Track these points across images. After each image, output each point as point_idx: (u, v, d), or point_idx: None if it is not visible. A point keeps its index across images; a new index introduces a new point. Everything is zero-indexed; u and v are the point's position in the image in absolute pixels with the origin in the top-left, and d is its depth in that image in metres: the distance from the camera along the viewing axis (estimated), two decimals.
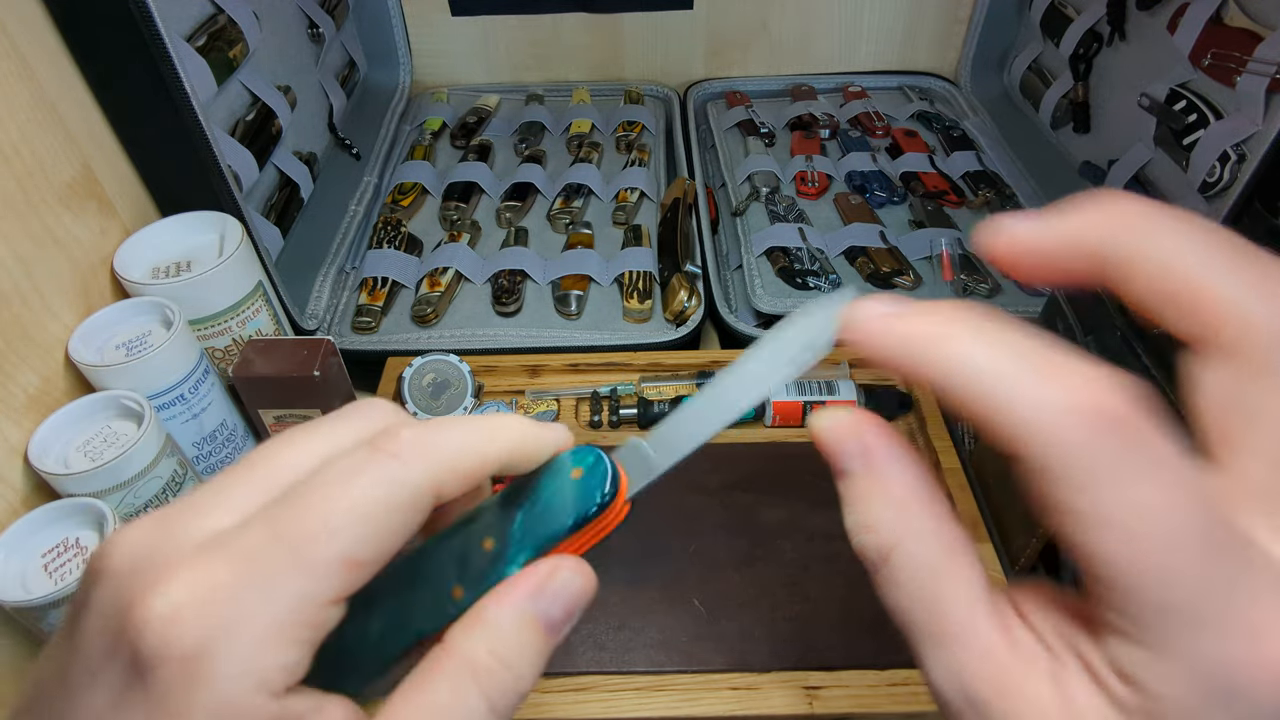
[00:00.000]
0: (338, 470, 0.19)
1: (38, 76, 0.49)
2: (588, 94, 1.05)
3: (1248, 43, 0.65)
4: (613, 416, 0.64)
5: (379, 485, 0.18)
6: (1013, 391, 0.16)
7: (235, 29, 0.69)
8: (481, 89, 1.07)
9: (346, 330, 0.73)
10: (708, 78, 1.08)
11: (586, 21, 1.02)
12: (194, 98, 0.53)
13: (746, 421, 0.64)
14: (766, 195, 0.86)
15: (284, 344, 0.58)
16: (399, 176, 0.90)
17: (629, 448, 0.22)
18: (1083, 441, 0.15)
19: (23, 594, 0.41)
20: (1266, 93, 0.63)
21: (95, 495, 0.45)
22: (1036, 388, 0.15)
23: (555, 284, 0.76)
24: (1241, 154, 0.65)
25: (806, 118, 0.98)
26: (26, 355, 0.47)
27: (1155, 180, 0.77)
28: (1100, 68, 0.86)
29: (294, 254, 0.76)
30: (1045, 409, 0.15)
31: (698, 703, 0.48)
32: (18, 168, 0.47)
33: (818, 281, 0.74)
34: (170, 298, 0.52)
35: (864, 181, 0.87)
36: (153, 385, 0.50)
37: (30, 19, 0.50)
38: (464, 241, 0.79)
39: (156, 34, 0.50)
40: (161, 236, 0.57)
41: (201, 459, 0.55)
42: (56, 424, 0.47)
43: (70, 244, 0.51)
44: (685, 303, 0.72)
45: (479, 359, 0.68)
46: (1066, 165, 0.89)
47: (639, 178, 0.88)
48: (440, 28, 1.03)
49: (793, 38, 1.05)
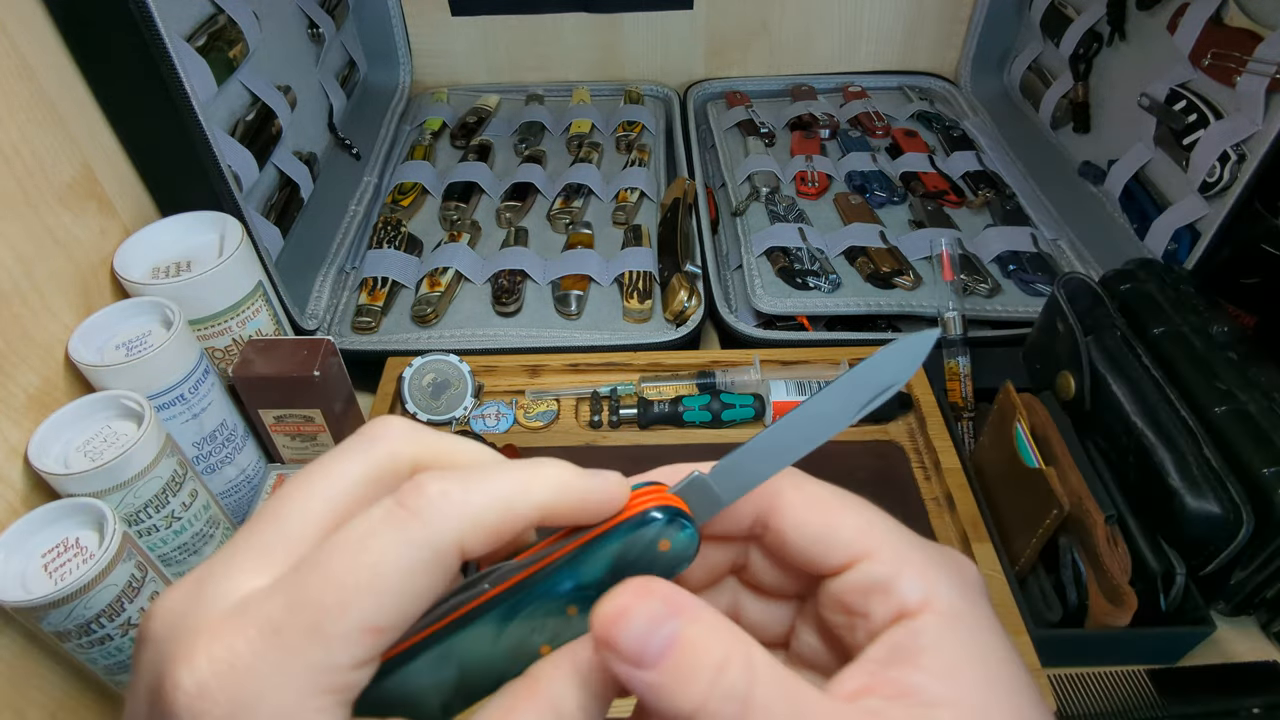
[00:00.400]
0: (357, 534, 0.18)
1: (38, 76, 0.49)
2: (588, 94, 1.05)
3: (1248, 43, 0.65)
4: (613, 416, 0.64)
5: (399, 549, 0.18)
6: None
7: (235, 29, 0.69)
8: (481, 89, 1.07)
9: (346, 330, 0.73)
10: (708, 78, 1.08)
11: (586, 21, 1.02)
12: (194, 98, 0.53)
13: (746, 422, 0.64)
14: (766, 195, 0.86)
15: (284, 344, 0.57)
16: (399, 176, 0.90)
17: (695, 485, 0.21)
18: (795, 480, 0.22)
19: (23, 594, 0.41)
20: (1266, 93, 0.63)
21: (95, 495, 0.45)
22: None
23: (555, 284, 0.76)
24: (1241, 154, 0.65)
25: (806, 118, 0.98)
26: (26, 355, 0.47)
27: (1155, 180, 0.77)
28: (1100, 68, 0.86)
29: (294, 254, 0.76)
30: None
31: None
32: (18, 168, 0.47)
33: (817, 281, 0.74)
34: (170, 298, 0.52)
35: (864, 181, 0.87)
36: (153, 385, 0.50)
37: (30, 19, 0.50)
38: (464, 241, 0.79)
39: (156, 34, 0.50)
40: (161, 236, 0.57)
41: (201, 459, 0.55)
42: (56, 424, 0.47)
43: (70, 244, 0.51)
44: (685, 303, 0.72)
45: (479, 359, 0.68)
46: (1066, 165, 0.89)
47: (639, 178, 0.88)
48: (440, 28, 1.03)
49: (793, 38, 1.06)
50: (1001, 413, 0.57)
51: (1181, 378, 0.53)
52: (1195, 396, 0.52)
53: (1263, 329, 0.63)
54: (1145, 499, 0.51)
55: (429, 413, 0.65)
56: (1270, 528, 0.47)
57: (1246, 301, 0.63)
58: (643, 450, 0.62)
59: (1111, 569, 0.48)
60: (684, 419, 0.64)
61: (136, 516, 0.47)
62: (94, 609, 0.42)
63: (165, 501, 0.48)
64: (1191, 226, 0.70)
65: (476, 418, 0.65)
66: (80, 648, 0.44)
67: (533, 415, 0.65)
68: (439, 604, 0.20)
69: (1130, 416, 0.53)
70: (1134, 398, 0.53)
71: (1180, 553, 0.49)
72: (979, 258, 0.78)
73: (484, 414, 0.65)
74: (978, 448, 0.61)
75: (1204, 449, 0.49)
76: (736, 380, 0.66)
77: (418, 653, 0.20)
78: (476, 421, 0.65)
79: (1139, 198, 0.77)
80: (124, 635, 0.45)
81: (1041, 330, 0.63)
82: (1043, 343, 0.62)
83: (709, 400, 0.64)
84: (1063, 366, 0.58)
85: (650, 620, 0.18)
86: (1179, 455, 0.49)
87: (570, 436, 0.64)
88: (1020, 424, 0.54)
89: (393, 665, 0.20)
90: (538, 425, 0.65)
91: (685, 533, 0.20)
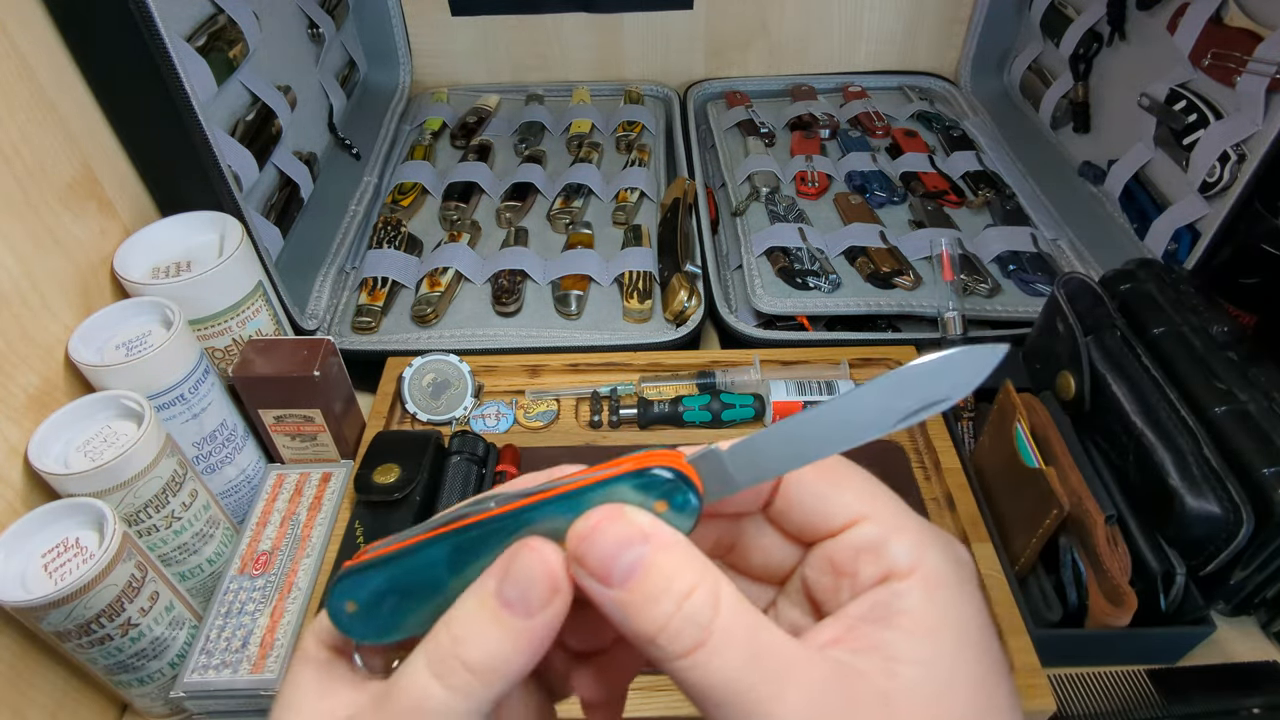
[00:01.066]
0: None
1: (38, 76, 0.49)
2: (588, 94, 1.05)
3: (1248, 43, 0.65)
4: (613, 416, 0.64)
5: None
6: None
7: (235, 29, 0.69)
8: (481, 89, 1.07)
9: (346, 330, 0.73)
10: (708, 78, 1.08)
11: (586, 21, 1.02)
12: (194, 98, 0.53)
13: (746, 422, 0.64)
14: (766, 195, 0.86)
15: (284, 344, 0.58)
16: (399, 176, 0.90)
17: (707, 455, 0.21)
18: None
19: (23, 594, 0.41)
20: (1266, 93, 0.63)
21: (95, 495, 0.45)
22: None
23: (555, 284, 0.76)
24: (1241, 154, 0.65)
25: (806, 118, 0.98)
26: (26, 355, 0.47)
27: (1155, 180, 0.77)
28: (1100, 68, 0.86)
29: (294, 254, 0.76)
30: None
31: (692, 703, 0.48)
32: (18, 168, 0.47)
33: (817, 281, 0.74)
34: (170, 298, 0.52)
35: (864, 181, 0.87)
36: (153, 385, 0.50)
37: (30, 19, 0.50)
38: (464, 241, 0.79)
39: (156, 34, 0.50)
40: (161, 236, 0.57)
41: (201, 459, 0.55)
42: (56, 424, 0.47)
43: (70, 244, 0.51)
44: (685, 303, 0.72)
45: (479, 359, 0.68)
46: (1066, 165, 0.89)
47: (639, 178, 0.88)
48: (440, 28, 1.03)
49: (793, 38, 1.06)
50: (1001, 413, 0.57)
51: (1181, 378, 0.53)
52: (1195, 396, 0.52)
53: (1263, 329, 0.63)
54: (1145, 499, 0.51)
55: (429, 413, 0.65)
56: (1270, 528, 0.47)
57: (1246, 301, 0.63)
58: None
59: (1111, 569, 0.48)
60: (684, 419, 0.64)
61: (136, 516, 0.47)
62: (94, 609, 0.42)
63: (165, 501, 0.48)
64: (1191, 226, 0.70)
65: (476, 418, 0.65)
66: (80, 648, 0.44)
67: (533, 415, 0.65)
68: (445, 512, 0.21)
69: (1130, 416, 0.53)
70: (1134, 398, 0.53)
71: (1180, 553, 0.49)
72: (979, 258, 0.78)
73: (484, 414, 0.65)
74: (978, 448, 0.61)
75: (1204, 449, 0.49)
76: (736, 380, 0.66)
77: (419, 550, 0.21)
78: (476, 421, 0.65)
79: (1139, 198, 0.77)
80: (124, 635, 0.45)
81: (1041, 330, 0.63)
82: (1043, 343, 0.62)
83: (709, 400, 0.64)
84: (1063, 366, 0.58)
85: (619, 540, 0.19)
86: (1179, 455, 0.49)
87: (570, 436, 0.64)
88: (1020, 424, 0.54)
89: (398, 557, 0.21)
90: (538, 425, 0.65)
91: (685, 500, 0.20)
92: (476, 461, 0.59)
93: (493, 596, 0.20)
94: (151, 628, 0.46)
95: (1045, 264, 0.77)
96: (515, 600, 0.19)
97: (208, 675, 0.48)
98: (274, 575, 0.53)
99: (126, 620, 0.44)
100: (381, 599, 0.21)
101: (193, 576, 0.53)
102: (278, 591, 0.52)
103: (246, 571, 0.53)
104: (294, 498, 0.58)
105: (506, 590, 0.20)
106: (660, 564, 0.19)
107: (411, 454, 0.57)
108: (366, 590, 0.21)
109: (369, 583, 0.21)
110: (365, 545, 0.22)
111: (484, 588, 0.20)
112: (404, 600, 0.21)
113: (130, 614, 0.44)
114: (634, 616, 0.19)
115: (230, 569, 0.53)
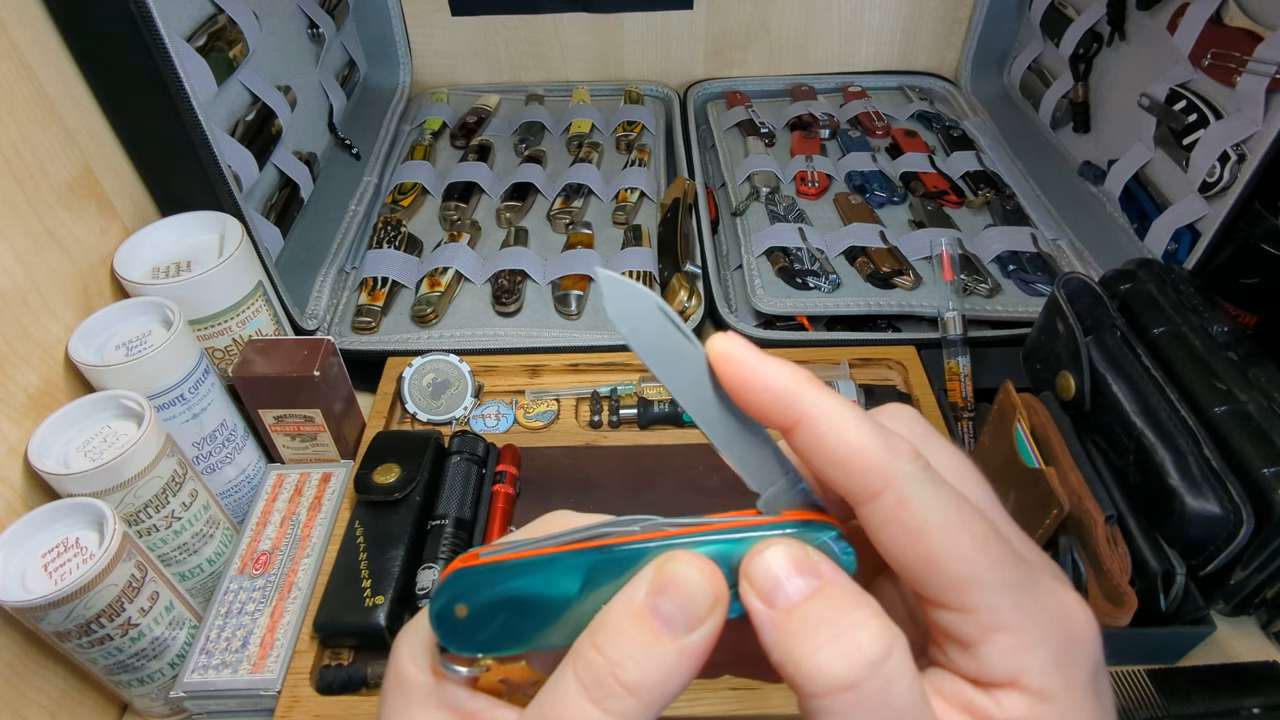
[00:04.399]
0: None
1: (38, 76, 0.49)
2: (588, 94, 1.05)
3: (1248, 43, 0.65)
4: (613, 416, 0.64)
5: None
6: (861, 437, 0.19)
7: (235, 29, 0.69)
8: (481, 89, 1.07)
9: (346, 330, 0.73)
10: (708, 78, 1.08)
11: (586, 21, 1.02)
12: (194, 98, 0.53)
13: None
14: (766, 195, 0.86)
15: (284, 344, 0.58)
16: (399, 176, 0.90)
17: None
18: (915, 473, 0.19)
19: (23, 594, 0.41)
20: (1266, 93, 0.63)
21: (95, 495, 0.45)
22: (881, 436, 0.19)
23: (555, 284, 0.76)
24: (1241, 154, 0.65)
25: (806, 118, 0.98)
26: (26, 355, 0.47)
27: (1155, 180, 0.77)
28: (1100, 68, 0.86)
29: (294, 254, 0.76)
30: (893, 451, 0.19)
31: (698, 703, 0.48)
32: (18, 168, 0.47)
33: (817, 281, 0.74)
34: (170, 298, 0.52)
35: (864, 181, 0.87)
36: (153, 385, 0.50)
37: (30, 19, 0.50)
38: (464, 241, 0.79)
39: (156, 34, 0.50)
40: (161, 236, 0.57)
41: (201, 459, 0.55)
42: (56, 424, 0.47)
43: (70, 244, 0.51)
44: (685, 303, 0.72)
45: (479, 359, 0.68)
46: (1066, 165, 0.89)
47: (639, 178, 0.88)
48: (440, 28, 1.03)
49: (793, 38, 1.06)
50: (1001, 413, 0.57)
51: (1181, 378, 0.53)
52: (1195, 396, 0.52)
53: (1263, 329, 0.63)
54: (1145, 499, 0.51)
55: (429, 412, 0.65)
56: (1270, 528, 0.47)
57: (1246, 301, 0.63)
58: (643, 450, 0.62)
59: (1111, 569, 0.48)
60: (684, 419, 0.64)
61: (136, 516, 0.47)
62: (94, 609, 0.42)
63: (165, 501, 0.48)
64: (1191, 226, 0.70)
65: (476, 418, 0.65)
66: (80, 648, 0.44)
67: (533, 415, 0.65)
68: (589, 527, 0.20)
69: (1130, 416, 0.53)
70: (1134, 398, 0.53)
71: (1180, 553, 0.49)
72: (979, 258, 0.78)
73: (484, 414, 0.65)
74: (977, 448, 0.61)
75: (1204, 449, 0.49)
76: None
77: (556, 560, 0.20)
78: (476, 421, 0.65)
79: (1139, 198, 0.77)
80: (124, 635, 0.45)
81: (1041, 330, 0.63)
82: (1043, 343, 0.62)
83: None
84: (1063, 366, 0.58)
85: (796, 563, 0.19)
86: (1179, 455, 0.49)
87: (570, 436, 0.64)
88: (1020, 424, 0.54)
89: (529, 564, 0.20)
90: (538, 425, 0.65)
91: (846, 554, 0.20)
92: (476, 461, 0.59)
93: (648, 612, 0.19)
94: (151, 628, 0.46)
95: (1045, 264, 0.77)
96: (674, 615, 0.19)
97: (208, 675, 0.48)
98: (274, 575, 0.53)
99: (126, 620, 0.44)
100: (498, 607, 0.20)
101: (193, 576, 0.53)
102: (278, 591, 0.52)
103: (246, 571, 0.53)
104: (294, 498, 0.58)
105: (663, 605, 0.19)
106: (829, 594, 0.19)
107: (411, 454, 0.57)
108: (486, 594, 0.20)
109: (491, 585, 0.20)
110: (473, 549, 0.21)
111: (632, 603, 0.19)
112: (521, 611, 0.20)
113: (130, 614, 0.44)
114: (788, 642, 0.18)
115: (230, 569, 0.54)
